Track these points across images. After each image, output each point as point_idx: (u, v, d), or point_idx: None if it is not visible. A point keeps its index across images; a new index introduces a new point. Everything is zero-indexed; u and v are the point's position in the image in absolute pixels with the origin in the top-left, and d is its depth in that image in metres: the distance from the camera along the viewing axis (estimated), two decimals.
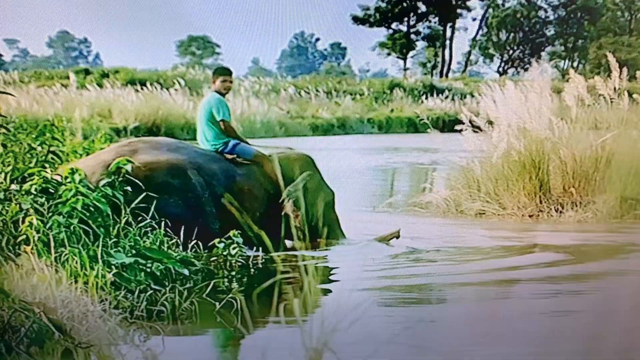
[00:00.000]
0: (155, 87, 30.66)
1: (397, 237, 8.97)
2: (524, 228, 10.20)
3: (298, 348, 4.17)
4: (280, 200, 8.44)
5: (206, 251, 7.66)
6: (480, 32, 57.27)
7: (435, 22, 56.20)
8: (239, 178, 8.34)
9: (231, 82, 8.94)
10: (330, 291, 6.85)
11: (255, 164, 8.55)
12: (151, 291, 5.97)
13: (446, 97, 39.38)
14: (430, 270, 7.84)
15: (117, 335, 5.14)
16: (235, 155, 8.53)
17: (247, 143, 8.71)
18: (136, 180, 7.60)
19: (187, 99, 29.90)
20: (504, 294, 6.97)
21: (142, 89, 30.01)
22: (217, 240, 7.70)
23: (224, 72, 8.92)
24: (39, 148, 8.52)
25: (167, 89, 30.62)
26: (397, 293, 6.93)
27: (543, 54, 55.52)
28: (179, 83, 31.35)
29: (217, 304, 6.01)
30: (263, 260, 7.78)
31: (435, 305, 6.61)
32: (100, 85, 29.80)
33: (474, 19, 56.74)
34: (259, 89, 36.21)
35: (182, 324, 5.70)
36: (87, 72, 37.26)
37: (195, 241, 7.57)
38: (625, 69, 11.81)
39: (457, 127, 11.53)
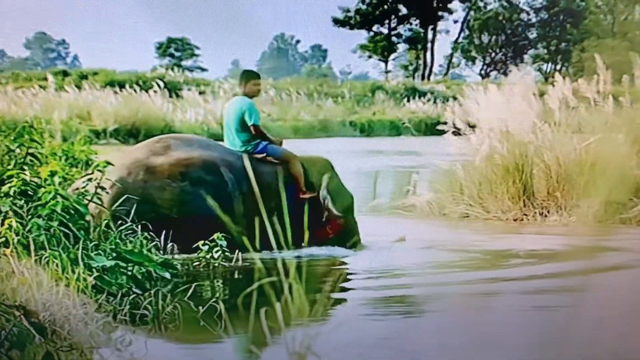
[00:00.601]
0: (135, 89, 30.57)
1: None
2: (507, 231, 10.20)
3: (281, 353, 4.11)
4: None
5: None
6: (462, 35, 57.45)
7: (416, 25, 56.34)
8: (267, 176, 8.32)
9: (260, 85, 8.93)
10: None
11: (283, 163, 8.56)
12: (134, 295, 5.90)
13: (428, 100, 39.44)
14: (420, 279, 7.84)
15: (99, 339, 5.06)
16: (264, 155, 8.55)
17: (278, 143, 8.72)
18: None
19: (167, 101, 29.84)
20: (488, 301, 6.93)
21: (121, 90, 29.98)
22: (200, 242, 7.63)
23: (255, 75, 8.89)
24: (18, 150, 8.41)
25: (147, 90, 30.56)
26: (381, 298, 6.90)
27: (526, 56, 55.80)
28: (158, 85, 31.26)
29: (199, 308, 5.94)
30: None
31: (422, 312, 6.57)
32: (79, 87, 29.72)
33: (456, 22, 56.92)
34: (239, 91, 36.02)
35: (166, 329, 5.62)
36: (65, 73, 37.17)
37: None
38: (609, 72, 11.82)
39: (439, 128, 11.50)
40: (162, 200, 7.80)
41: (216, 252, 7.57)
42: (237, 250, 7.55)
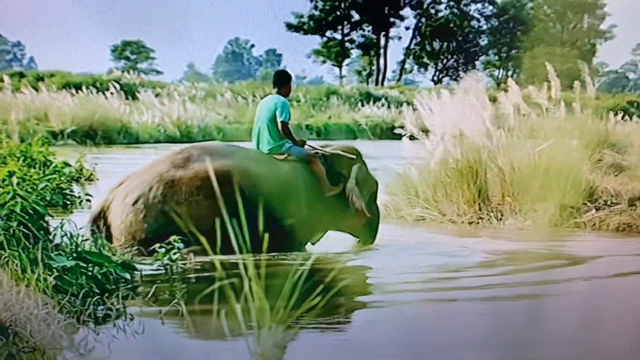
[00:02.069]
0: (91, 91, 30.42)
1: None
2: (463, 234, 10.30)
3: (244, 354, 4.16)
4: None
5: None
6: (414, 41, 57.83)
7: (369, 31, 56.60)
8: (285, 176, 8.51)
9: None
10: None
11: (304, 161, 8.72)
12: (96, 296, 5.89)
13: (382, 105, 39.60)
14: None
15: (61, 340, 5.04)
16: (286, 155, 8.68)
17: (301, 144, 8.86)
18: None
19: (123, 103, 29.71)
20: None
21: (77, 92, 29.82)
22: (157, 245, 7.63)
23: (289, 77, 9.12)
24: None
25: (103, 92, 30.43)
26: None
27: (477, 63, 56.32)
28: (114, 87, 31.10)
29: (161, 309, 5.96)
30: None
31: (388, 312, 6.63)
32: (36, 89, 29.45)
33: (407, 28, 57.26)
34: (195, 94, 36.04)
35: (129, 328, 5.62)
36: (21, 75, 36.83)
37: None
38: (559, 79, 12.03)
39: (397, 131, 11.59)
40: (179, 215, 7.82)
41: (174, 254, 7.56)
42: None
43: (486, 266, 8.23)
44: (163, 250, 7.56)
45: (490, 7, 57.25)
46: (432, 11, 57.43)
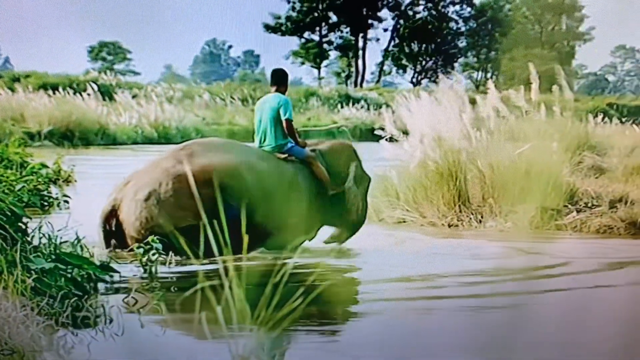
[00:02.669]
0: (68, 92, 30.36)
1: None
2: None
3: (225, 355, 4.12)
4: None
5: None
6: (393, 43, 57.98)
7: (347, 33, 56.71)
8: (288, 175, 8.60)
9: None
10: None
11: (305, 163, 8.80)
12: (75, 297, 5.83)
13: (362, 107, 39.70)
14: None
15: (40, 342, 4.99)
16: (287, 155, 8.76)
17: (302, 145, 8.95)
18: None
19: (100, 104, 29.67)
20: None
21: (54, 93, 29.77)
22: (135, 245, 7.59)
23: (286, 76, 9.23)
24: None
25: (80, 93, 30.38)
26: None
27: (456, 65, 56.54)
28: (92, 88, 31.05)
29: (140, 310, 5.92)
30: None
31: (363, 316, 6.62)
32: (12, 89, 29.34)
33: (386, 30, 57.42)
34: (173, 95, 35.98)
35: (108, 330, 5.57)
36: None
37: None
38: (539, 81, 12.08)
39: (377, 133, 11.59)
40: (192, 207, 7.74)
41: (152, 254, 7.51)
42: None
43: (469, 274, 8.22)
44: (142, 250, 7.50)
45: (469, 9, 57.49)
46: (410, 13, 57.60)
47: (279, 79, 9.04)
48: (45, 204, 11.55)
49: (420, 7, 57.83)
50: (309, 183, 8.75)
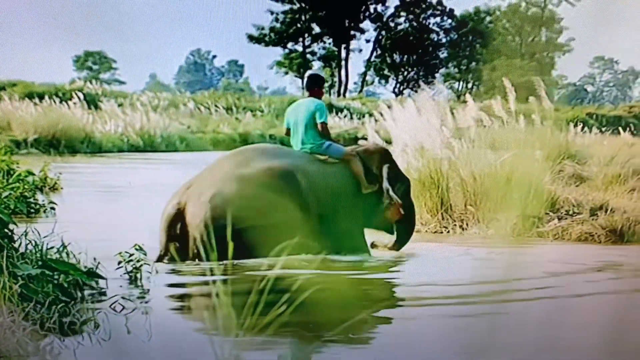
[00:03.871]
0: (54, 101, 30.38)
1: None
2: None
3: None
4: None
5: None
6: (375, 54, 58.21)
7: (330, 43, 56.91)
8: (330, 178, 8.70)
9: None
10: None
11: (344, 162, 8.88)
12: (62, 303, 5.85)
13: (345, 116, 39.83)
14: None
15: (26, 347, 5.02)
16: (327, 156, 8.86)
17: (340, 144, 9.21)
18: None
19: (86, 113, 29.68)
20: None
21: (40, 102, 29.79)
22: (119, 252, 7.58)
23: (323, 80, 9.60)
24: None
25: (66, 102, 30.41)
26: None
27: (437, 75, 56.81)
28: (77, 97, 31.07)
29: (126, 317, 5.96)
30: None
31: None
32: None
33: (368, 41, 57.72)
34: (158, 104, 35.96)
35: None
36: None
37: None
38: (517, 92, 12.23)
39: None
40: (255, 209, 8.03)
41: (137, 260, 7.51)
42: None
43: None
44: (127, 256, 7.49)
45: (449, 21, 57.85)
46: (392, 24, 57.91)
47: (314, 83, 9.27)
48: (32, 210, 11.55)
49: (402, 19, 58.18)
50: (352, 184, 8.85)
